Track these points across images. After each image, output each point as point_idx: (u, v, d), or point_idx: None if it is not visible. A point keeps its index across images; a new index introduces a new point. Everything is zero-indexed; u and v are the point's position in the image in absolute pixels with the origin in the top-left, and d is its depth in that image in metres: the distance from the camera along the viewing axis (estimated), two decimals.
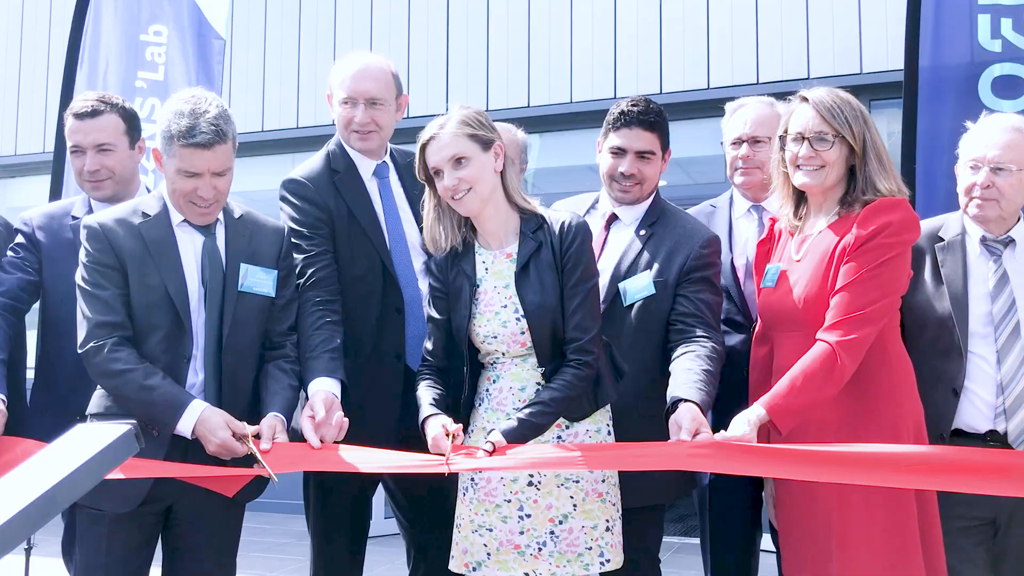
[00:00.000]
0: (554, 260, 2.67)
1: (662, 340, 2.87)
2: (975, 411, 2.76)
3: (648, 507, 2.91)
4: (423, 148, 2.66)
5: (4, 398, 2.75)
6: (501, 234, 2.73)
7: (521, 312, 2.65)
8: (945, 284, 2.83)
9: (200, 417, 2.55)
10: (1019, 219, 2.89)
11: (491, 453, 2.44)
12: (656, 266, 2.91)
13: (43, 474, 1.28)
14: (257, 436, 2.57)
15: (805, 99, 2.70)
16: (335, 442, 2.62)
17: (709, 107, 7.10)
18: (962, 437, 2.76)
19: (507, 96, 7.71)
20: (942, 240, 2.89)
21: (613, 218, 3.08)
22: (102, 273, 2.65)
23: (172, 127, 2.63)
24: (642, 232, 2.99)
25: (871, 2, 6.87)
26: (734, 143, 3.36)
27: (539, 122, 7.59)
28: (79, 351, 2.64)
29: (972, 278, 2.83)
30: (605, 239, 3.05)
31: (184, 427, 2.56)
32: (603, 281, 2.93)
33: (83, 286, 2.67)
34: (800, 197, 2.82)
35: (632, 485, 2.78)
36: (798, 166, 2.70)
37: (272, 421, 2.62)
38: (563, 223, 2.69)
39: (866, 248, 2.56)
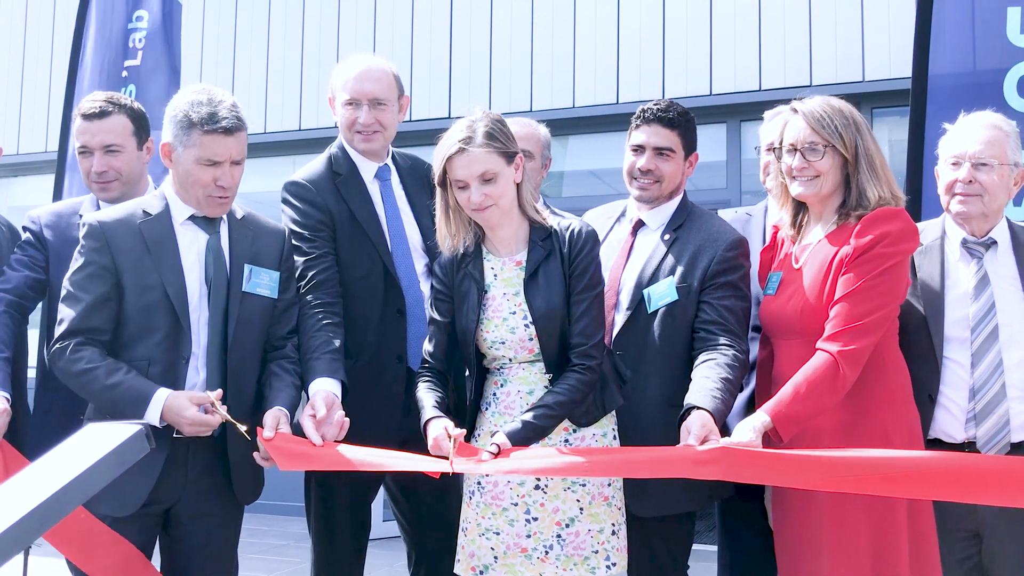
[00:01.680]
0: (562, 267, 2.68)
1: (688, 347, 2.85)
2: (951, 418, 2.73)
3: (676, 515, 2.90)
4: (449, 159, 2.62)
5: (8, 396, 2.76)
6: (512, 241, 2.74)
7: (530, 319, 2.66)
8: (920, 288, 2.81)
9: (165, 404, 2.55)
10: (1001, 220, 2.86)
11: (496, 456, 2.45)
12: (679, 271, 2.88)
13: (55, 473, 1.29)
14: (224, 403, 2.59)
15: (796, 110, 2.71)
16: (336, 441, 2.63)
17: (711, 113, 7.14)
18: (939, 446, 2.74)
19: (510, 100, 7.72)
20: (920, 244, 2.82)
21: (639, 224, 3.06)
22: (91, 274, 2.65)
23: (192, 115, 2.64)
24: (667, 237, 2.97)
25: (874, 10, 6.88)
26: (769, 149, 3.34)
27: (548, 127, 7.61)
28: (47, 354, 2.66)
29: (949, 280, 2.80)
30: (631, 245, 3.03)
31: (152, 417, 2.55)
32: (628, 287, 2.93)
33: (68, 287, 2.67)
34: (799, 206, 2.82)
35: (662, 493, 2.78)
36: (794, 177, 2.71)
37: (276, 414, 2.63)
38: (573, 230, 2.71)
39: (865, 258, 2.57)
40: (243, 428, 2.57)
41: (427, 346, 2.83)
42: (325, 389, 2.71)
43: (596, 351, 2.66)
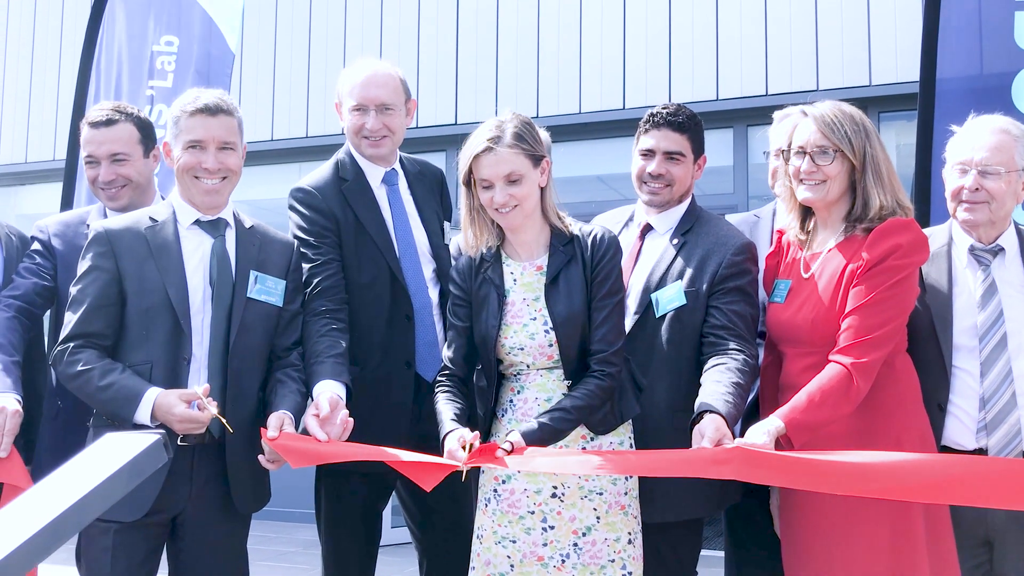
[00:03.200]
0: (584, 273, 2.67)
1: (695, 352, 2.84)
2: (961, 427, 2.71)
3: (684, 521, 2.89)
4: (475, 157, 2.63)
5: (19, 398, 2.77)
6: (533, 246, 2.74)
7: (550, 324, 2.65)
8: (928, 296, 2.79)
9: (155, 403, 2.56)
10: (1009, 226, 2.83)
11: (509, 453, 2.44)
12: (688, 275, 2.88)
13: (75, 483, 1.29)
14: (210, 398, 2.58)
15: (806, 114, 2.71)
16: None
17: (718, 118, 7.15)
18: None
19: (516, 106, 7.65)
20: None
21: (648, 228, 3.07)
22: (93, 280, 2.68)
23: (180, 103, 2.78)
24: (675, 241, 2.97)
25: (880, 14, 6.88)
26: (778, 153, 3.33)
27: (548, 132, 7.61)
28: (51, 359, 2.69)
29: (957, 288, 2.78)
30: (639, 249, 3.03)
31: (143, 416, 2.56)
32: (636, 291, 2.93)
33: (72, 293, 2.71)
34: (807, 210, 2.81)
35: (670, 499, 2.78)
36: (801, 180, 2.70)
37: (280, 416, 2.64)
38: (595, 236, 2.70)
39: (876, 271, 2.56)
40: (224, 419, 2.57)
41: (446, 352, 2.82)
42: (329, 390, 2.71)
43: (616, 358, 2.65)
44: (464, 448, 2.49)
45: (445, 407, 2.68)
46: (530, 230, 2.72)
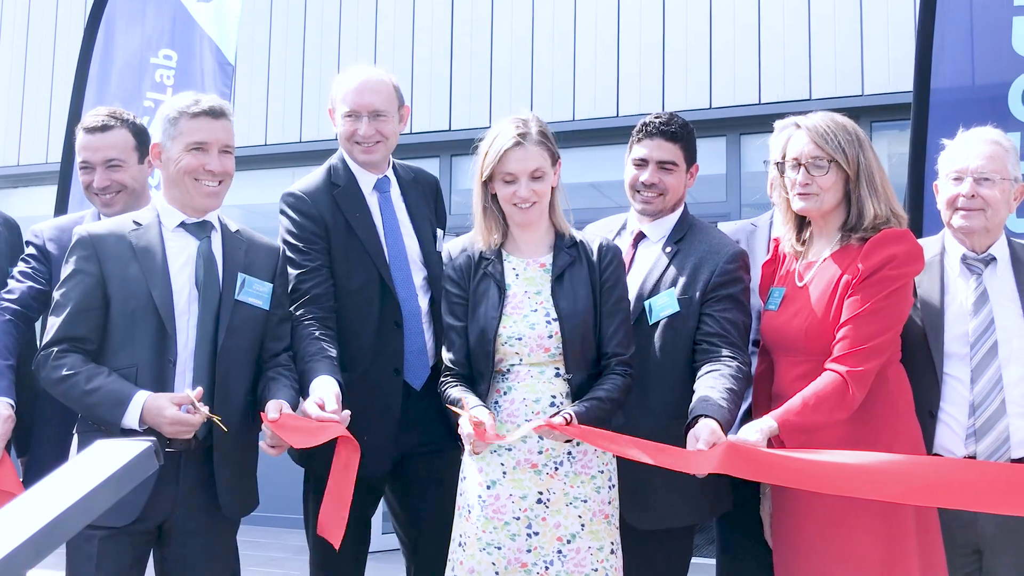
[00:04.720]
0: (590, 276, 2.72)
1: (688, 359, 2.86)
2: (950, 434, 2.73)
3: (676, 528, 2.90)
4: (505, 151, 2.67)
5: (12, 403, 2.77)
6: (539, 244, 2.79)
7: (553, 316, 2.68)
8: (920, 305, 2.81)
9: (144, 406, 2.54)
10: (1000, 236, 2.86)
11: (568, 424, 2.47)
12: (681, 283, 2.90)
13: (65, 490, 1.29)
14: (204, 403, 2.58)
15: (799, 125, 2.73)
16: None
17: (711, 126, 7.16)
18: None
19: (510, 113, 7.71)
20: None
21: (640, 236, 3.09)
22: (77, 283, 2.66)
23: (177, 105, 2.75)
24: (668, 249, 3.00)
25: (873, 24, 6.91)
26: (774, 164, 3.34)
27: None
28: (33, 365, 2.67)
29: (949, 296, 2.81)
30: (632, 257, 3.05)
31: (131, 420, 2.54)
32: (630, 298, 2.94)
33: (56, 297, 2.69)
34: (802, 221, 2.84)
35: (662, 507, 2.79)
36: (797, 192, 2.72)
37: (279, 402, 2.64)
38: (600, 244, 2.78)
39: (871, 280, 2.58)
40: (217, 418, 2.56)
41: (447, 354, 2.82)
42: (327, 382, 2.72)
43: (634, 361, 2.72)
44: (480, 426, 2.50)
45: (464, 392, 2.68)
46: (539, 229, 2.78)
